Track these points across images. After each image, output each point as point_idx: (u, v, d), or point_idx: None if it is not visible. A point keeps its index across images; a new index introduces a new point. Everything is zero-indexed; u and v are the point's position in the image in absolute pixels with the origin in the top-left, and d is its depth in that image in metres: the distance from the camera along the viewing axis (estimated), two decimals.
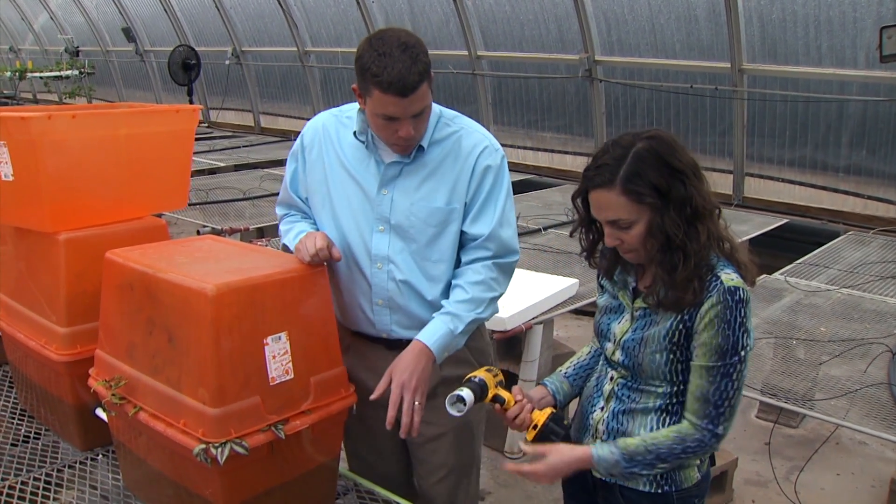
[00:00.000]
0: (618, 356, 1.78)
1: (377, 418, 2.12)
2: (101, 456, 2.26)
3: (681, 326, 1.67)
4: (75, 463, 2.22)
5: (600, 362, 1.92)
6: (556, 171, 7.74)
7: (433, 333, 1.92)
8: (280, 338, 1.72)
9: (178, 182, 2.38)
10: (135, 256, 1.86)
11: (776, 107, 6.25)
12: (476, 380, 1.81)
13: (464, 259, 2.03)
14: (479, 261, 2.00)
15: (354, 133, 2.00)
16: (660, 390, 1.74)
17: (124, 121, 2.18)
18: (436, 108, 2.00)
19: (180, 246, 2.01)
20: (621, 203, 1.62)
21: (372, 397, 1.87)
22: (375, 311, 2.05)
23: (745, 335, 1.63)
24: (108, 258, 1.89)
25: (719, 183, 6.70)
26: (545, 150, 7.97)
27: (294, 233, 2.10)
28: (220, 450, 1.62)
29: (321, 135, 2.08)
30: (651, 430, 1.75)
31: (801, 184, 6.37)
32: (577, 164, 7.94)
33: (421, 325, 2.03)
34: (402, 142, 1.90)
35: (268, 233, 5.35)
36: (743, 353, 1.63)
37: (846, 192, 6.18)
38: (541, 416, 1.80)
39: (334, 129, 2.07)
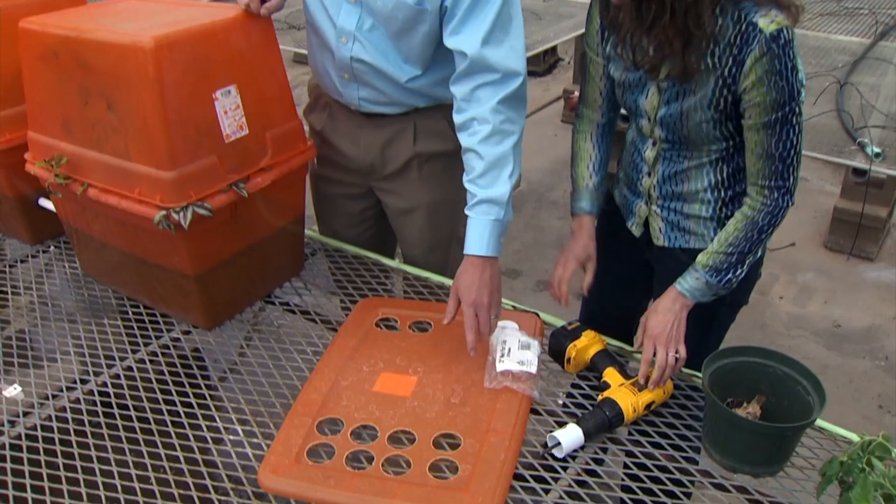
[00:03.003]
0: (658, 133, 1.63)
1: (347, 183, 2.07)
2: (52, 248, 2.18)
3: (724, 92, 1.46)
4: (27, 257, 2.15)
5: (630, 136, 1.74)
6: None
7: (480, 238, 1.64)
8: (230, 91, 1.59)
9: None
10: (54, 22, 1.67)
11: None
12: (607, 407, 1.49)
13: (458, 93, 1.68)
14: (478, 92, 1.65)
15: None
16: (713, 147, 1.60)
17: None
18: None
19: (102, 8, 1.81)
20: None
21: (444, 322, 1.65)
22: (342, 83, 1.87)
23: (797, 77, 1.42)
24: (24, 27, 1.70)
25: None
26: None
27: None
28: (182, 213, 1.53)
29: None
30: (709, 182, 1.63)
31: None
32: None
33: (392, 102, 1.85)
34: None
35: None
36: (799, 97, 1.44)
37: None
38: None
39: None
